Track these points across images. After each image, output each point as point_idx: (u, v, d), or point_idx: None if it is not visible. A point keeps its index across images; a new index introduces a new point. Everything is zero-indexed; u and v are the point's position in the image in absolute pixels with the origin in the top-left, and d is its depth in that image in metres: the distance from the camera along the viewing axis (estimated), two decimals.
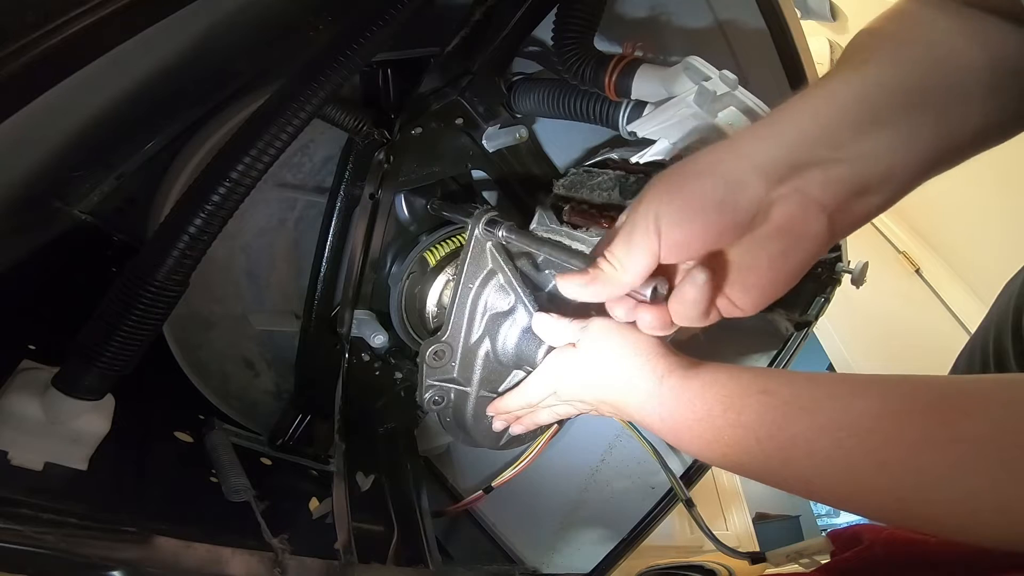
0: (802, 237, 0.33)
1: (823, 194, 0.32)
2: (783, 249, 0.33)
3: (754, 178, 0.32)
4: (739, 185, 0.32)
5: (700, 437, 0.36)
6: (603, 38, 0.62)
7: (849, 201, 0.32)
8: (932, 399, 0.28)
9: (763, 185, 0.32)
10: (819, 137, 0.31)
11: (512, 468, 0.71)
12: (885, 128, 0.31)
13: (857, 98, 0.31)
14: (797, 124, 0.32)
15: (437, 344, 0.51)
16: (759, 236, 0.33)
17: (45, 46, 0.31)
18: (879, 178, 0.32)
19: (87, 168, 0.49)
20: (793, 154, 0.32)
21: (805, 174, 0.32)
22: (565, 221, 0.56)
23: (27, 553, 0.31)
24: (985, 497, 0.25)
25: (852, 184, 0.32)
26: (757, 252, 0.34)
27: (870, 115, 0.31)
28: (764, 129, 0.34)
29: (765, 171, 0.32)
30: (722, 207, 0.33)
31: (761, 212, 0.33)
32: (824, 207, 0.32)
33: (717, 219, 0.33)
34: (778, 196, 0.32)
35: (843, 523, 2.04)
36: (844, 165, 0.31)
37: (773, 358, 0.78)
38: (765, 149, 0.33)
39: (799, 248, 0.33)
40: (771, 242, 0.33)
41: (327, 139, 0.65)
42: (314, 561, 0.49)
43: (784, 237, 0.33)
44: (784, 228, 0.33)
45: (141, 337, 0.40)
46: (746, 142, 0.34)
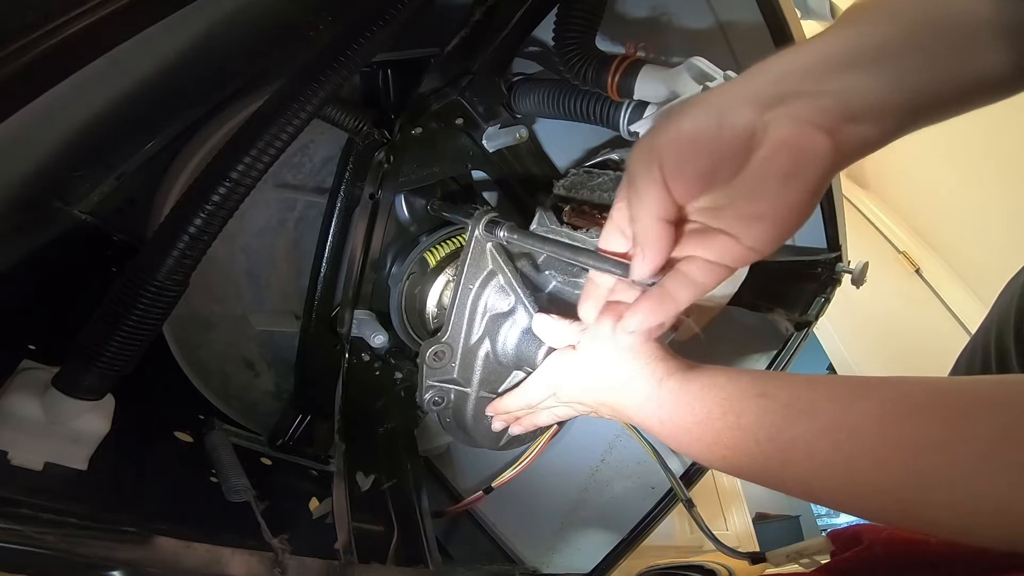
0: (805, 151, 0.32)
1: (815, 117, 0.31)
2: (789, 167, 0.32)
3: (743, 104, 0.32)
4: (729, 110, 0.32)
5: (699, 440, 0.36)
6: (603, 38, 0.62)
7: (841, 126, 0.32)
8: (932, 400, 0.28)
9: (753, 109, 0.32)
10: (802, 73, 0.32)
11: (512, 468, 0.71)
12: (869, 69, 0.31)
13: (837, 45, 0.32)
14: (780, 64, 0.33)
15: (437, 345, 0.51)
16: (762, 159, 0.32)
17: (45, 46, 0.31)
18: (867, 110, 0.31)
19: (87, 168, 0.49)
20: (778, 86, 0.32)
21: (793, 102, 0.32)
22: (565, 222, 0.56)
23: (27, 553, 0.31)
24: (986, 498, 0.25)
25: (840, 112, 0.31)
26: (763, 175, 0.33)
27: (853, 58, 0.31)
28: (745, 73, 0.34)
29: (753, 98, 0.32)
30: (717, 131, 0.32)
31: (758, 134, 0.32)
32: (820, 127, 0.31)
33: (715, 143, 0.33)
34: (771, 118, 0.32)
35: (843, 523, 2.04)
36: (828, 96, 0.31)
37: (773, 358, 0.78)
38: (749, 85, 0.33)
39: (806, 165, 0.32)
40: (775, 161, 0.32)
41: (327, 139, 0.65)
42: (314, 561, 0.49)
43: (787, 153, 0.32)
44: (785, 144, 0.32)
45: (141, 337, 0.40)
46: (729, 84, 0.34)
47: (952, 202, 1.51)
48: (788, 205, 0.33)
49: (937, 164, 1.46)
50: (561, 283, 0.53)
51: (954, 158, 1.41)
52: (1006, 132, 1.27)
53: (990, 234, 1.39)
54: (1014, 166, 1.29)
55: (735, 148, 0.32)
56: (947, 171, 1.46)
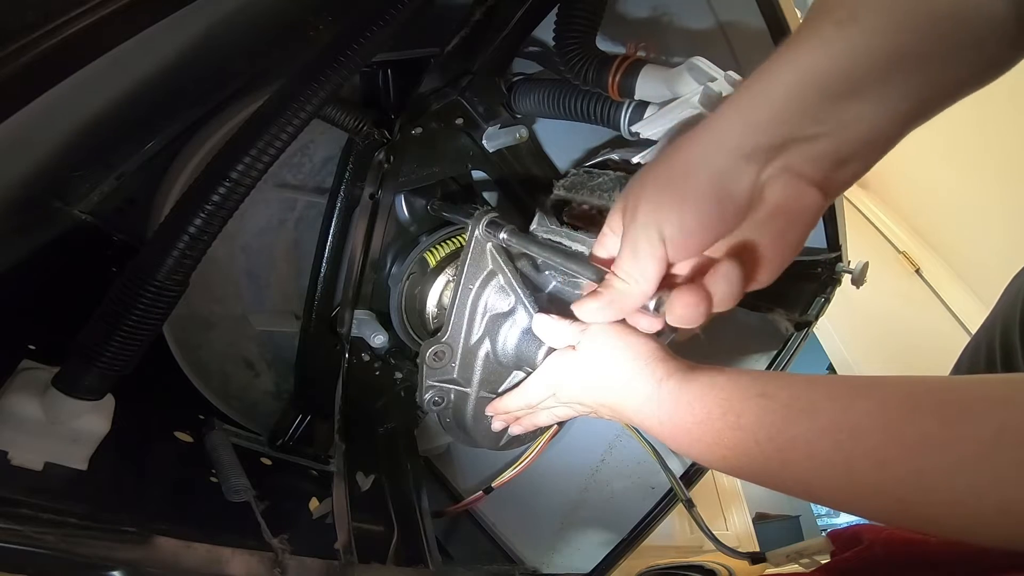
0: (798, 212, 0.34)
1: (809, 169, 0.32)
2: (782, 226, 0.34)
3: (743, 165, 0.32)
4: (731, 176, 0.33)
5: (699, 440, 0.36)
6: (604, 38, 0.62)
7: (834, 172, 0.33)
8: (932, 399, 0.28)
9: (752, 171, 0.32)
10: (796, 112, 0.31)
11: (512, 468, 0.71)
12: (865, 95, 0.30)
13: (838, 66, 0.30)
14: (773, 101, 0.31)
15: (437, 345, 0.51)
16: (758, 219, 0.34)
17: (45, 46, 0.31)
18: (861, 144, 0.32)
19: (87, 168, 0.49)
20: (774, 135, 0.32)
21: (789, 152, 0.32)
22: (565, 222, 0.56)
23: (27, 553, 0.31)
24: (987, 497, 0.25)
25: (835, 156, 0.32)
26: (759, 235, 0.35)
27: (850, 84, 0.30)
28: (743, 108, 0.33)
29: (752, 156, 0.32)
30: (719, 201, 0.33)
31: (756, 196, 0.33)
32: (813, 180, 0.32)
33: (717, 214, 0.33)
34: (768, 177, 0.33)
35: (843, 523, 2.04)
36: (824, 139, 0.31)
37: (773, 358, 0.78)
38: (746, 134, 0.32)
39: (797, 222, 0.34)
40: (770, 223, 0.34)
41: (327, 139, 0.65)
42: (314, 561, 0.49)
43: (781, 215, 0.33)
44: (780, 207, 0.33)
45: (141, 337, 0.40)
46: (727, 127, 0.33)
47: (952, 202, 1.51)
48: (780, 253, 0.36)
49: (937, 164, 1.46)
50: (561, 283, 0.53)
51: (954, 158, 1.41)
52: (1006, 132, 1.27)
53: (990, 234, 1.39)
54: (1014, 166, 1.29)
55: (737, 214, 0.34)
56: (947, 171, 1.46)
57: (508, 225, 0.49)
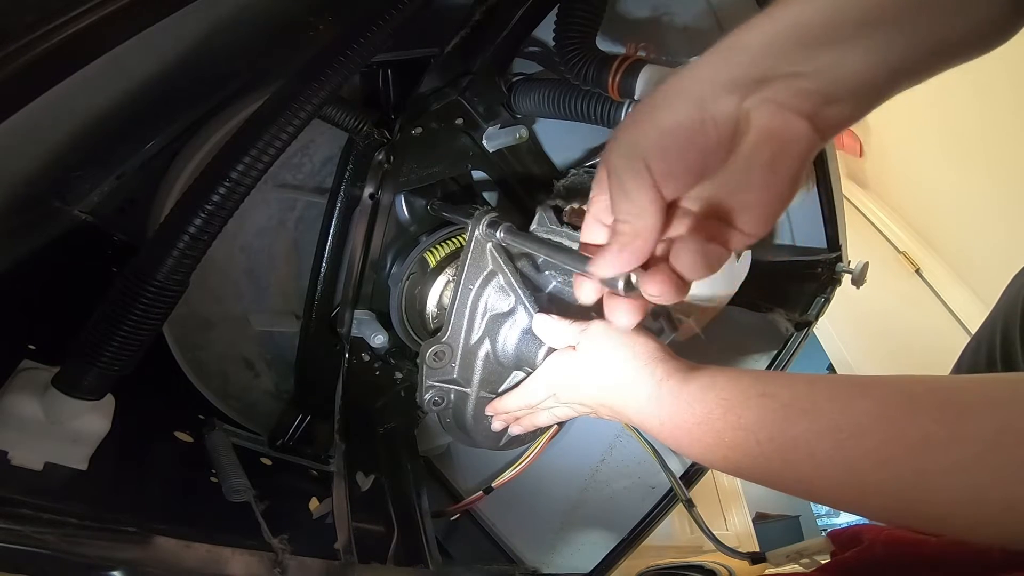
0: (787, 140, 0.32)
1: (795, 101, 0.31)
2: (772, 156, 0.32)
3: (722, 94, 0.32)
4: (710, 101, 0.32)
5: (700, 440, 0.36)
6: (604, 38, 0.62)
7: (821, 109, 0.32)
8: (933, 399, 0.28)
9: (733, 99, 0.32)
10: (779, 52, 0.31)
11: (512, 468, 0.71)
12: (848, 44, 0.30)
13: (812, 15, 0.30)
14: (753, 44, 0.31)
15: (437, 345, 0.51)
16: (745, 150, 0.33)
17: (45, 46, 0.31)
18: (845, 89, 0.31)
19: (87, 168, 0.49)
20: (754, 71, 0.31)
21: (771, 85, 0.31)
22: (565, 222, 0.56)
23: (27, 553, 0.31)
24: (989, 496, 0.25)
25: (819, 94, 0.31)
26: (748, 167, 0.33)
27: (828, 33, 0.30)
28: (721, 52, 0.33)
29: (730, 87, 0.32)
30: (701, 124, 0.32)
31: (741, 123, 0.32)
32: (800, 112, 0.32)
33: (699, 136, 0.32)
34: (751, 107, 0.32)
35: (843, 523, 2.04)
36: (807, 78, 0.30)
37: (773, 358, 0.79)
38: (727, 69, 0.32)
39: (788, 152, 0.33)
40: (758, 152, 0.32)
41: (327, 139, 0.65)
42: (314, 561, 0.49)
43: (769, 142, 0.32)
44: (767, 133, 0.32)
45: (141, 337, 0.40)
46: (705, 66, 0.33)
47: (952, 202, 1.51)
48: (772, 191, 0.34)
49: (937, 164, 1.46)
50: (561, 283, 0.53)
51: (954, 158, 1.41)
52: (1006, 132, 1.27)
53: (990, 234, 1.39)
54: (1014, 166, 1.29)
55: (721, 139, 0.32)
56: (947, 171, 1.46)
57: (508, 225, 0.49)
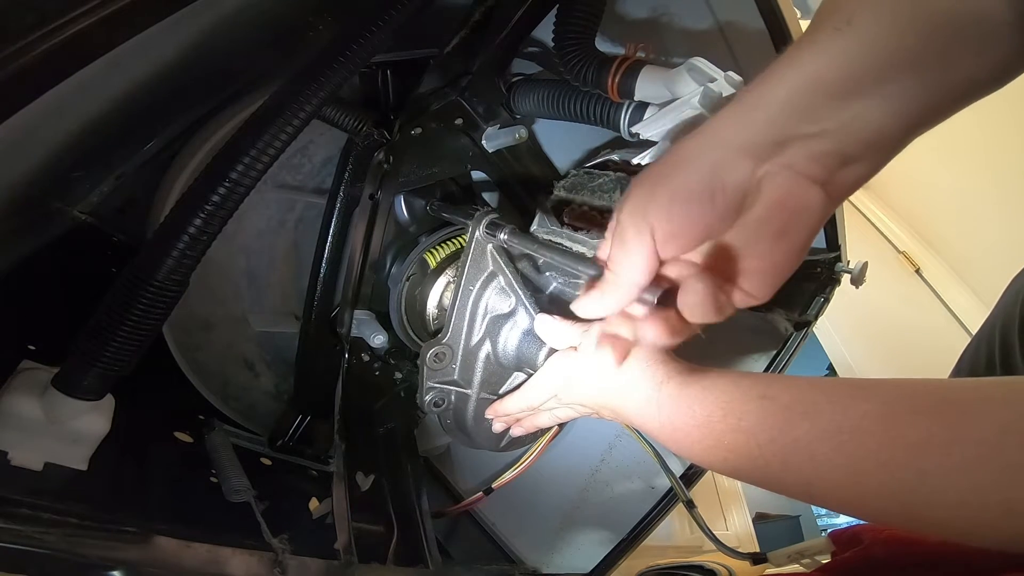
0: (799, 210, 0.32)
1: (810, 167, 0.31)
2: (782, 226, 0.32)
3: (738, 159, 0.31)
4: (724, 168, 0.32)
5: (700, 442, 0.36)
6: (603, 39, 0.62)
7: (836, 172, 0.31)
8: (934, 401, 0.28)
9: (748, 164, 0.31)
10: (797, 112, 0.30)
11: (513, 469, 0.71)
12: (862, 97, 0.30)
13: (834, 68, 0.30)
14: (774, 101, 0.31)
15: (438, 346, 0.51)
16: (755, 217, 0.32)
17: (45, 47, 0.31)
18: (864, 147, 0.31)
19: (87, 168, 0.49)
20: (773, 132, 0.31)
21: (788, 150, 0.31)
22: (566, 223, 0.56)
23: (27, 553, 0.31)
24: (990, 498, 0.25)
25: (837, 156, 0.31)
26: (757, 234, 0.33)
27: (849, 86, 0.30)
28: (741, 109, 0.33)
29: (746, 152, 0.31)
30: (710, 192, 0.32)
31: (751, 192, 0.32)
32: (815, 178, 0.31)
33: (707, 205, 0.32)
34: (765, 174, 0.31)
35: (843, 523, 2.04)
36: (826, 139, 0.30)
37: (772, 358, 0.78)
38: (745, 130, 0.32)
39: (798, 222, 0.32)
40: (769, 221, 0.32)
41: (327, 140, 0.65)
42: (314, 561, 0.49)
43: (780, 213, 0.32)
44: (779, 203, 0.32)
45: (141, 337, 0.40)
46: (725, 126, 0.33)
47: (952, 202, 1.51)
48: (780, 260, 0.34)
49: (937, 164, 1.46)
50: (562, 284, 0.53)
51: (954, 158, 1.41)
52: (1006, 132, 1.27)
53: (990, 234, 1.39)
54: (1014, 166, 1.29)
55: (729, 210, 0.32)
56: (947, 171, 1.46)
57: (508, 226, 0.49)
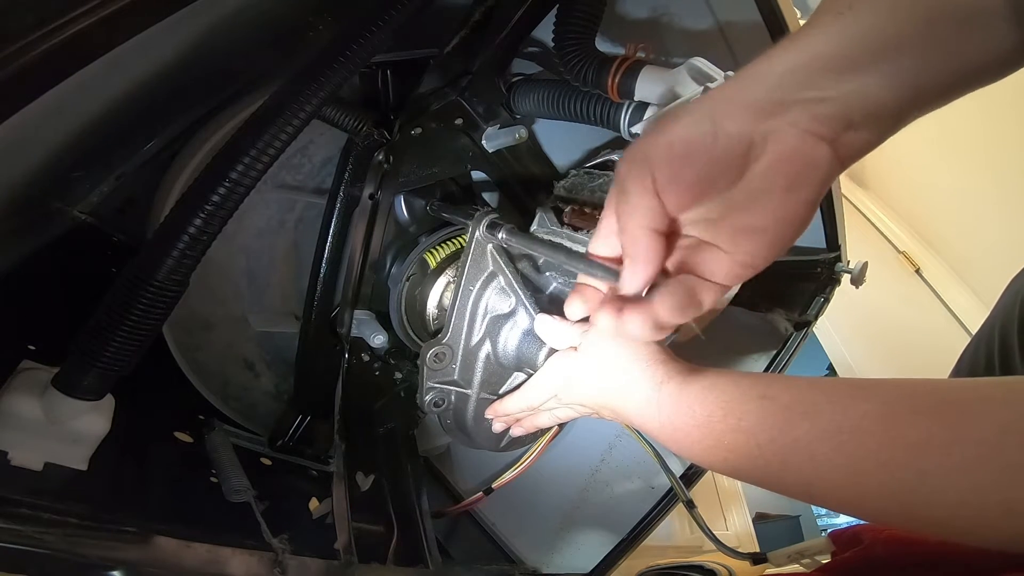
0: (808, 163, 0.31)
1: (815, 126, 0.31)
2: (791, 179, 0.31)
3: (738, 110, 0.31)
4: (724, 116, 0.31)
5: (699, 443, 0.36)
6: (603, 39, 0.62)
7: (841, 134, 0.31)
8: (934, 401, 0.28)
9: (749, 117, 0.31)
10: (800, 78, 0.30)
11: (513, 469, 0.71)
12: (869, 70, 0.30)
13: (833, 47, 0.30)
14: (773, 73, 0.31)
15: (438, 346, 0.51)
16: (762, 171, 0.32)
17: (45, 47, 0.31)
18: (866, 115, 0.31)
19: (87, 168, 0.49)
20: (774, 93, 0.31)
21: (792, 110, 0.31)
22: (566, 223, 0.56)
23: (27, 553, 0.31)
24: (989, 498, 0.25)
25: (841, 119, 0.31)
26: (764, 187, 0.32)
27: (847, 63, 0.30)
28: (740, 78, 0.33)
29: (749, 106, 0.31)
30: (712, 139, 0.31)
31: (756, 144, 0.31)
32: (821, 136, 0.31)
33: (708, 150, 0.31)
34: (770, 129, 0.31)
35: (843, 523, 2.04)
36: (828, 104, 0.30)
37: (772, 358, 0.78)
38: (746, 90, 0.32)
39: (807, 176, 0.31)
40: (777, 173, 0.31)
41: (326, 140, 0.65)
42: (314, 561, 0.49)
43: (789, 165, 0.31)
44: (787, 155, 0.31)
45: (141, 337, 0.40)
46: (723, 88, 0.33)
47: (952, 202, 1.51)
48: (787, 217, 0.33)
49: (937, 164, 1.46)
50: (562, 284, 0.53)
51: (954, 158, 1.41)
52: (1006, 132, 1.27)
53: (990, 234, 1.39)
54: (1014, 166, 1.29)
55: (731, 157, 0.32)
56: (947, 171, 1.46)
57: (508, 226, 0.49)
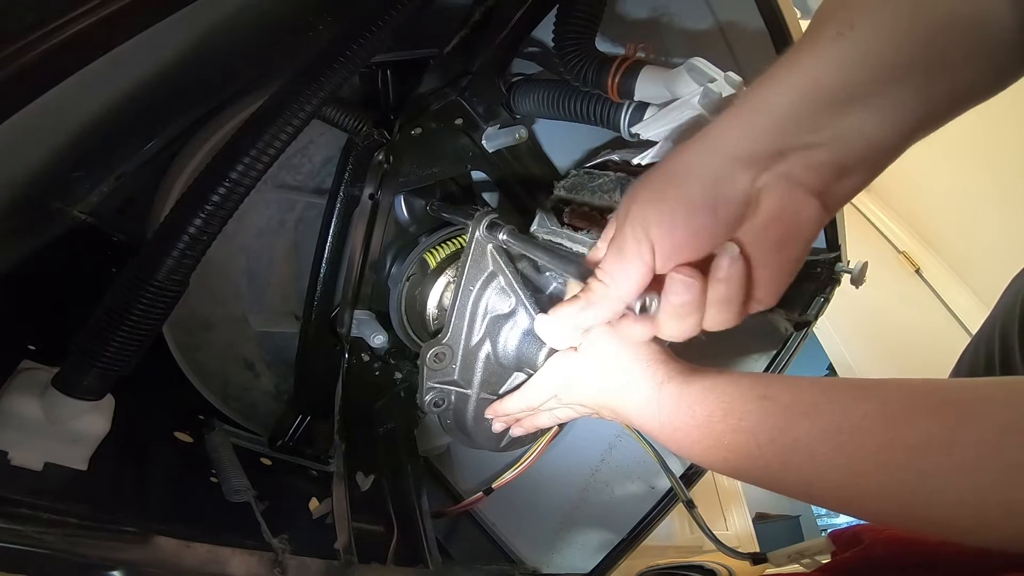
0: (797, 222, 0.32)
1: (808, 177, 0.31)
2: (780, 237, 0.33)
3: (737, 172, 0.31)
4: (723, 182, 0.32)
5: (699, 443, 0.36)
6: (603, 39, 0.62)
7: (833, 183, 0.32)
8: (933, 401, 0.28)
9: (747, 177, 0.31)
10: (795, 122, 0.31)
11: (513, 469, 0.71)
12: (863, 105, 0.30)
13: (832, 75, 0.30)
14: (772, 110, 0.31)
15: (438, 346, 0.51)
16: (753, 228, 0.33)
17: (45, 47, 0.31)
18: (861, 156, 0.31)
19: (87, 168, 0.49)
20: (772, 142, 0.31)
21: (788, 159, 0.31)
22: (566, 223, 0.56)
23: (27, 553, 0.31)
24: (989, 498, 0.25)
25: (834, 167, 0.31)
26: (755, 246, 0.33)
27: (846, 94, 0.30)
28: (742, 115, 0.33)
29: (746, 163, 0.31)
30: (711, 207, 0.32)
31: (751, 204, 0.32)
32: (812, 189, 0.31)
33: (707, 220, 0.32)
34: (764, 185, 0.32)
35: (843, 523, 2.04)
36: (824, 149, 0.30)
37: (772, 358, 0.78)
38: (743, 140, 0.32)
39: (795, 234, 0.33)
40: (767, 232, 0.33)
41: (327, 140, 0.65)
42: (314, 561, 0.49)
43: (779, 225, 0.32)
44: (777, 215, 0.32)
45: (141, 337, 0.40)
46: (723, 135, 0.33)
47: (952, 202, 1.51)
48: (778, 267, 0.34)
49: (937, 164, 1.46)
50: (562, 284, 0.53)
51: (954, 158, 1.41)
52: (1006, 132, 1.27)
53: (990, 234, 1.39)
54: (1014, 166, 1.29)
55: (728, 222, 0.33)
56: (947, 171, 1.46)
57: (508, 226, 0.49)
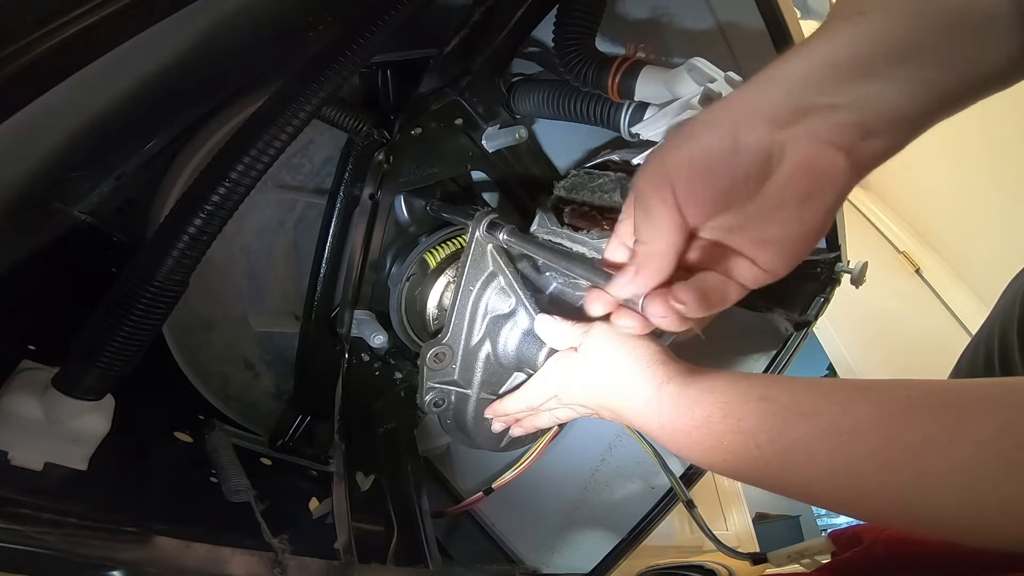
0: (825, 173, 0.31)
1: (832, 135, 0.31)
2: (808, 189, 0.32)
3: (757, 122, 0.31)
4: (743, 129, 0.31)
5: (699, 443, 0.36)
6: (603, 39, 0.62)
7: (858, 143, 0.31)
8: (932, 402, 0.28)
9: (767, 128, 0.31)
10: (816, 85, 0.31)
11: (513, 469, 0.71)
12: (884, 77, 0.30)
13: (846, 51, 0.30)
14: (787, 77, 0.31)
15: (438, 346, 0.51)
16: (779, 182, 0.32)
17: (45, 47, 0.31)
18: (885, 119, 0.31)
19: (87, 168, 0.49)
20: (791, 103, 0.31)
21: (809, 118, 0.31)
22: (566, 223, 0.56)
23: (27, 553, 0.31)
24: (989, 499, 0.25)
25: (858, 127, 0.31)
26: (781, 198, 0.32)
27: (860, 68, 0.30)
28: (757, 83, 0.33)
29: (766, 116, 0.31)
30: (732, 153, 0.32)
31: (775, 155, 0.31)
32: (838, 146, 0.31)
33: (729, 165, 0.32)
34: (788, 138, 0.31)
35: (843, 523, 2.04)
36: (845, 110, 0.30)
37: (773, 358, 0.78)
38: (762, 99, 0.32)
39: (824, 186, 0.32)
40: (794, 184, 0.32)
41: (327, 140, 0.65)
42: (314, 561, 0.49)
43: (806, 176, 0.32)
44: (804, 166, 0.31)
45: (141, 337, 0.40)
46: (741, 96, 0.33)
47: (952, 202, 1.51)
48: (804, 227, 0.33)
49: (937, 164, 1.46)
50: (562, 284, 0.53)
51: (954, 158, 1.41)
52: (1006, 132, 1.27)
53: (990, 234, 1.39)
54: (1014, 166, 1.30)
55: (751, 170, 0.32)
56: (947, 171, 1.46)
57: (508, 226, 0.49)
